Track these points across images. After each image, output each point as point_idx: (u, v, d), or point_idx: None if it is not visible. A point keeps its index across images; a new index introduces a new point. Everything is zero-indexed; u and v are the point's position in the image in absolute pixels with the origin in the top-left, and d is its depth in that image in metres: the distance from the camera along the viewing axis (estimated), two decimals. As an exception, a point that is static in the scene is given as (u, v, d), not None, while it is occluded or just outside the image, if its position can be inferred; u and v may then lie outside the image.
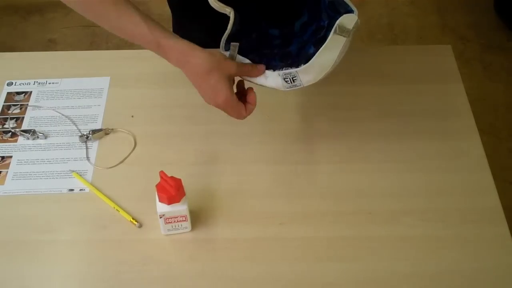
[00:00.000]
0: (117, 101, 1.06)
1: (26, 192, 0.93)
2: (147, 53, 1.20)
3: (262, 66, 0.85)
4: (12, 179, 0.95)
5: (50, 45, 2.41)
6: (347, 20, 0.79)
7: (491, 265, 0.84)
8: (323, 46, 0.80)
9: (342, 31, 0.79)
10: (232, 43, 0.84)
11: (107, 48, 2.38)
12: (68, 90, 1.08)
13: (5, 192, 0.93)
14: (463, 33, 2.42)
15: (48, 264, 0.85)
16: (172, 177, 0.82)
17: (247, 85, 0.88)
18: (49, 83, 1.09)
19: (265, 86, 0.87)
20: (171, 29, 1.25)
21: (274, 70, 0.84)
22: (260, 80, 0.87)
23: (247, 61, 0.86)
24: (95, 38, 2.45)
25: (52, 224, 0.89)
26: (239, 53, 0.86)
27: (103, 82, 1.09)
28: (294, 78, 0.83)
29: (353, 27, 0.79)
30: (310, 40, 0.88)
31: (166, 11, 1.19)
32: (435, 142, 0.98)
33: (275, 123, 1.02)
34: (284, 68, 0.83)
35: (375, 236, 0.87)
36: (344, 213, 0.90)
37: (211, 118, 1.03)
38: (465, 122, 1.01)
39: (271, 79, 0.85)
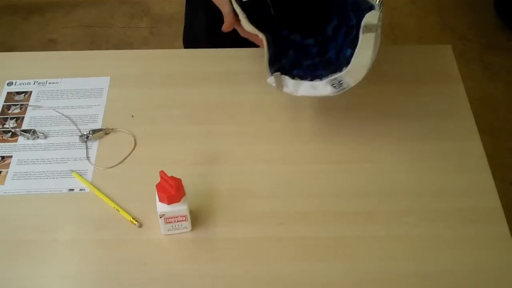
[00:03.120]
0: (117, 101, 1.06)
1: (26, 192, 0.93)
2: (147, 53, 1.21)
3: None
4: (12, 179, 0.95)
5: (50, 45, 2.41)
6: (371, 17, 0.83)
7: (491, 265, 0.84)
8: (357, 48, 0.84)
9: (370, 29, 0.83)
10: (274, 74, 0.89)
11: (107, 48, 2.38)
12: (68, 90, 1.08)
13: (5, 192, 0.93)
14: (463, 33, 2.42)
15: (48, 264, 0.85)
16: (172, 177, 0.82)
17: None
18: (49, 83, 1.09)
19: (316, 96, 0.91)
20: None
21: (321, 80, 0.88)
22: (310, 91, 0.90)
23: (293, 81, 0.90)
24: (95, 38, 2.45)
25: (52, 224, 0.89)
26: (284, 73, 0.90)
27: (103, 82, 1.09)
28: (340, 82, 0.87)
29: (378, 21, 0.83)
30: (344, 43, 0.92)
31: (166, 11, 1.19)
32: (435, 142, 0.98)
33: (275, 123, 1.02)
34: (329, 75, 0.87)
35: (375, 236, 0.87)
36: (344, 213, 0.90)
37: (211, 118, 1.03)
38: (465, 122, 1.01)
39: (320, 88, 0.89)
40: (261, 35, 0.89)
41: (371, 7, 0.84)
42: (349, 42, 0.91)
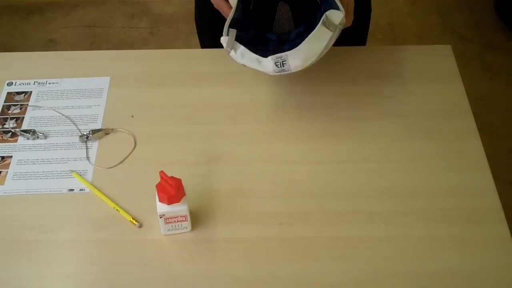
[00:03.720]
0: (117, 101, 1.06)
1: (26, 192, 0.93)
2: (147, 53, 1.21)
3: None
4: (12, 179, 0.95)
5: (50, 45, 2.41)
6: (335, 16, 0.87)
7: (491, 265, 0.84)
8: (311, 33, 0.87)
9: (330, 25, 0.87)
10: (230, 29, 0.90)
11: (107, 48, 2.38)
12: (68, 90, 1.08)
13: (5, 192, 0.93)
14: (463, 33, 2.43)
15: (48, 264, 0.85)
16: (172, 177, 0.82)
17: (239, 65, 0.93)
18: (49, 83, 1.09)
19: (257, 69, 0.92)
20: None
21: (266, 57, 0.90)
22: (253, 63, 0.91)
23: (242, 47, 0.91)
24: (95, 38, 2.45)
25: (52, 224, 0.89)
26: (238, 41, 0.91)
27: (103, 82, 1.09)
28: (284, 62, 0.88)
29: (339, 23, 0.87)
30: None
31: (166, 11, 1.19)
32: (435, 142, 0.98)
33: (275, 123, 1.02)
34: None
35: (375, 236, 0.87)
36: (344, 213, 0.90)
37: (211, 118, 1.03)
38: (465, 122, 1.01)
39: (264, 63, 0.90)
40: None
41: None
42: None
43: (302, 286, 0.82)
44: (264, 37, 0.99)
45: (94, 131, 1.00)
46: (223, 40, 0.91)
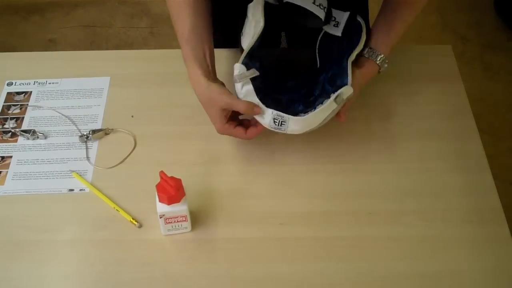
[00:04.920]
0: (117, 101, 1.06)
1: (26, 192, 0.93)
2: (147, 53, 1.21)
3: (259, 109, 0.88)
4: (12, 179, 0.95)
5: (50, 45, 2.41)
6: (346, 91, 0.88)
7: (491, 265, 0.84)
8: (321, 107, 0.87)
9: (340, 100, 0.88)
10: (253, 69, 0.89)
11: (107, 48, 2.38)
12: (68, 90, 1.08)
13: (5, 192, 0.93)
14: (463, 33, 2.42)
15: (48, 264, 0.85)
16: (172, 177, 0.82)
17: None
18: (49, 83, 1.09)
19: (254, 115, 0.90)
20: None
21: (267, 107, 0.88)
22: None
23: (250, 87, 0.88)
24: (95, 38, 2.45)
25: (52, 224, 0.89)
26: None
27: (103, 82, 1.09)
28: (283, 122, 0.88)
29: (347, 97, 0.88)
30: (299, 99, 0.95)
31: (166, 11, 1.19)
32: (435, 142, 0.98)
33: (275, 123, 1.02)
34: (279, 110, 0.88)
35: (375, 236, 0.87)
36: (344, 213, 0.90)
37: (211, 118, 1.03)
38: (465, 122, 1.01)
39: (265, 114, 0.88)
40: (262, 23, 0.90)
41: (343, 83, 0.89)
42: (304, 101, 0.94)
43: (302, 286, 0.82)
44: (265, 75, 0.98)
45: (94, 131, 1.00)
46: (238, 66, 0.89)
